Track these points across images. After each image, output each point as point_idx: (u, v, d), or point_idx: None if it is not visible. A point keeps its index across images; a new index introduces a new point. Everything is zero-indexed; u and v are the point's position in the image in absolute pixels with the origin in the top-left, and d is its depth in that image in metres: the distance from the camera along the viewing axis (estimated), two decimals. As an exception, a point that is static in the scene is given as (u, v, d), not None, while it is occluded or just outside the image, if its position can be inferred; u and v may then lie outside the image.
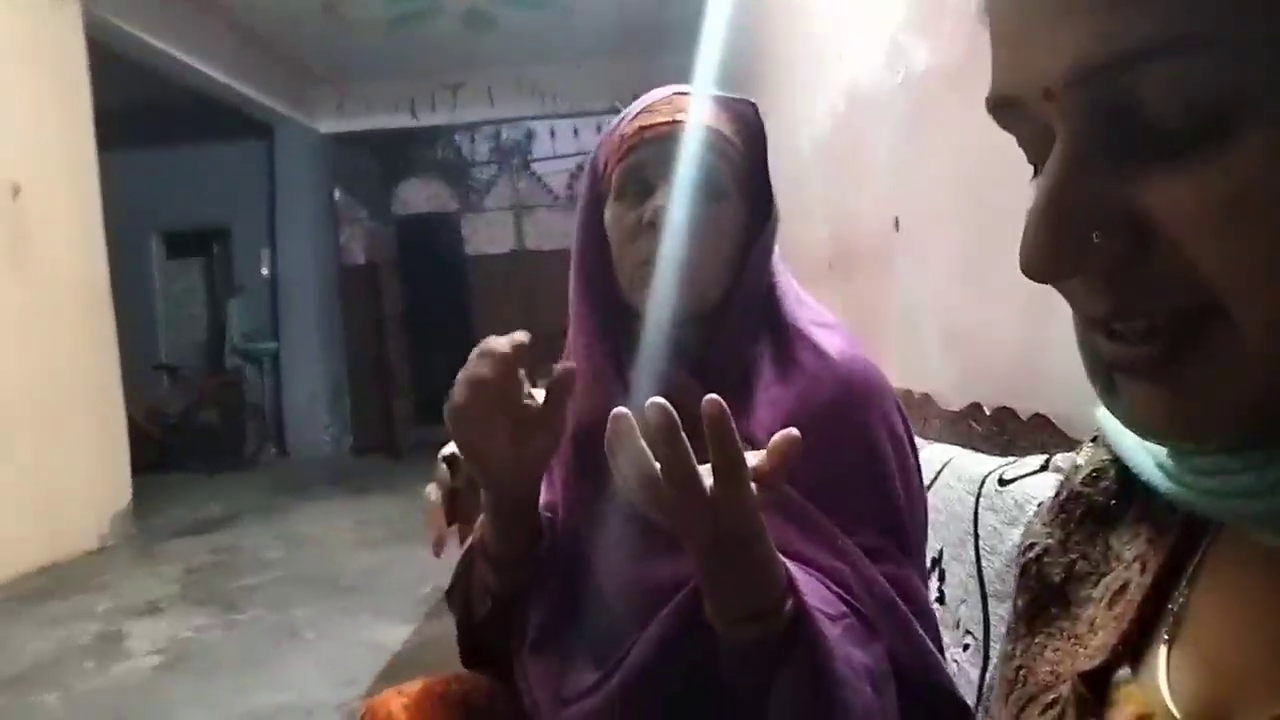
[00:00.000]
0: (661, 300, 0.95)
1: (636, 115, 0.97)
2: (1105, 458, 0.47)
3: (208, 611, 3.88)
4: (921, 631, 0.89)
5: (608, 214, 0.98)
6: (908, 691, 0.86)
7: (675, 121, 0.94)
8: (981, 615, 1.31)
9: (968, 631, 1.32)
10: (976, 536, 1.37)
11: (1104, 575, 0.44)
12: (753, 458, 0.71)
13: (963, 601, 1.35)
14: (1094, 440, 0.49)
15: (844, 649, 0.78)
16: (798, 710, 0.78)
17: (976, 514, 1.38)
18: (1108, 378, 0.36)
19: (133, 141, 7.41)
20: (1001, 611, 1.31)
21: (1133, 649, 0.40)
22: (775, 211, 0.99)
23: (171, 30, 5.99)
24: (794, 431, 0.71)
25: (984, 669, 1.25)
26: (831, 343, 0.96)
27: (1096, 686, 0.40)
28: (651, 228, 0.93)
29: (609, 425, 0.68)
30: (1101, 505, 0.46)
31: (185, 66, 6.26)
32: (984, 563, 1.36)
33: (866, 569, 0.87)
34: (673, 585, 0.86)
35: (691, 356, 0.97)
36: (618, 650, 0.91)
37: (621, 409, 0.68)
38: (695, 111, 0.95)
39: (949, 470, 1.46)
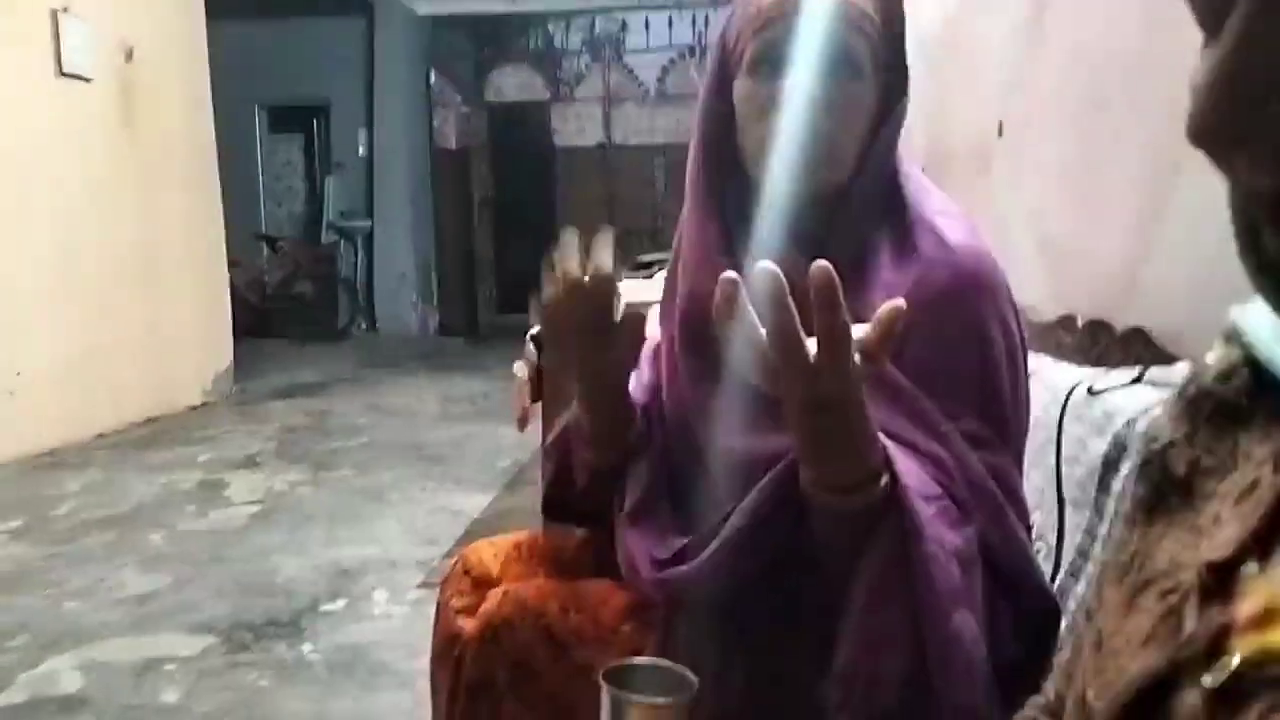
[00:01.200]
0: (787, 179, 0.94)
1: None
2: (1237, 357, 0.46)
3: (300, 469, 4.09)
4: (1015, 520, 0.90)
5: (738, 88, 0.96)
6: (997, 579, 0.87)
7: None
8: (1056, 522, 1.33)
9: (1039, 537, 1.33)
10: (1059, 445, 1.38)
11: (1230, 472, 0.44)
12: (859, 330, 0.71)
13: (1037, 508, 1.36)
14: (1226, 340, 0.48)
15: (935, 528, 0.80)
16: (884, 583, 0.80)
17: (1061, 423, 1.38)
18: (1256, 241, 0.36)
19: (239, 12, 7.48)
20: (1079, 520, 1.32)
21: (1262, 546, 0.39)
22: (908, 93, 0.97)
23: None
24: (900, 301, 0.71)
25: (1054, 575, 1.27)
26: (952, 231, 0.95)
27: (1222, 577, 0.40)
28: (786, 106, 0.91)
29: (718, 288, 0.69)
30: (1231, 403, 0.45)
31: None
32: (1064, 470, 1.37)
33: (965, 455, 0.88)
34: (774, 459, 0.88)
35: (809, 237, 0.95)
36: (715, 518, 0.94)
37: (731, 273, 0.69)
38: None
39: (1034, 379, 1.45)
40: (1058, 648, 0.90)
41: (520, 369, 2.39)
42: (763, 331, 0.69)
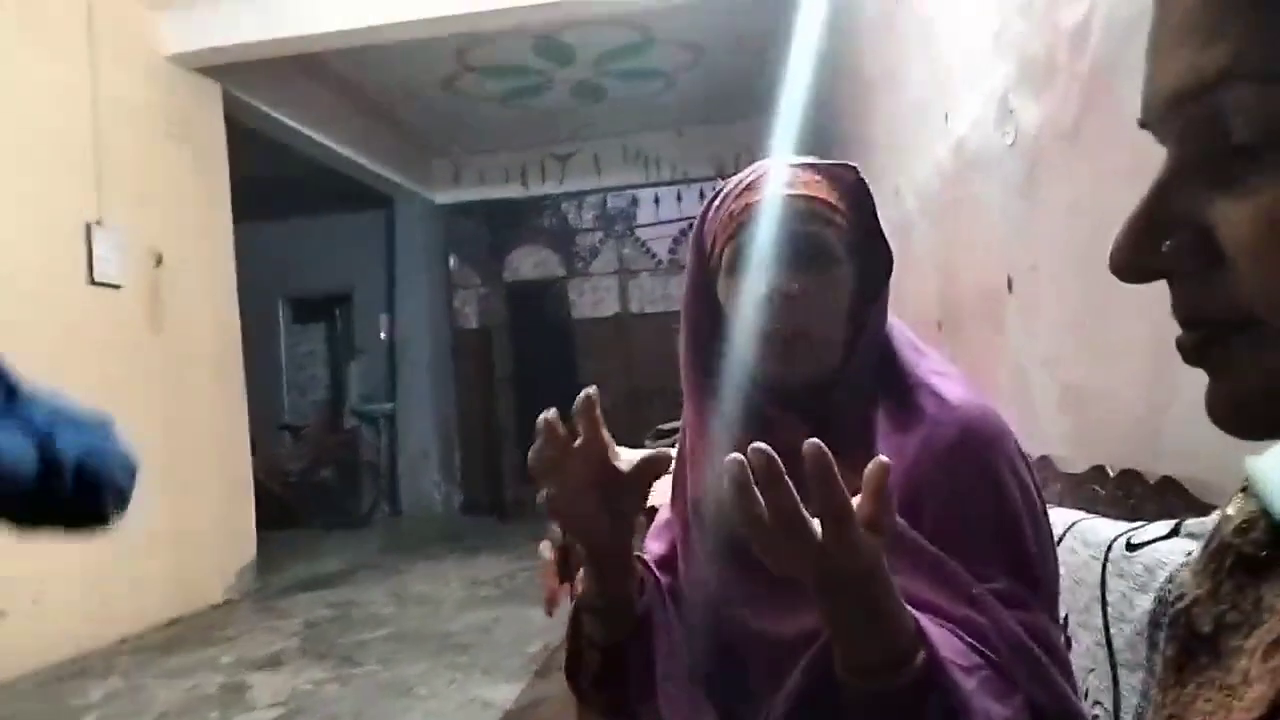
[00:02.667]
0: (777, 374, 0.96)
1: (741, 191, 0.99)
2: (1255, 508, 0.46)
3: (325, 665, 3.98)
4: (1060, 679, 0.86)
5: (721, 288, 0.99)
6: None
7: (781, 196, 0.96)
8: (1111, 684, 1.26)
9: (1097, 702, 1.27)
10: (1104, 603, 1.33)
11: (1256, 627, 0.43)
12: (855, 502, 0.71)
13: (1091, 670, 1.30)
14: (1244, 490, 0.48)
15: (982, 702, 0.77)
16: None
17: (1104, 580, 1.33)
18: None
19: (263, 213, 7.86)
20: (1134, 681, 1.25)
21: None
22: (890, 270, 0.99)
23: (301, 107, 6.37)
24: (882, 459, 0.70)
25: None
26: (952, 390, 0.95)
27: None
28: (769, 302, 0.94)
29: (724, 470, 0.69)
30: (1252, 556, 0.45)
31: (313, 142, 6.63)
32: (1112, 630, 1.31)
33: (1001, 617, 0.85)
34: (807, 638, 0.85)
35: (811, 418, 0.96)
36: (751, 711, 0.90)
37: (736, 455, 0.69)
38: (798, 184, 0.97)
39: (1073, 535, 1.41)
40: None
41: (545, 549, 2.36)
42: (764, 508, 0.68)
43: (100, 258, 4.60)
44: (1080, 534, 1.39)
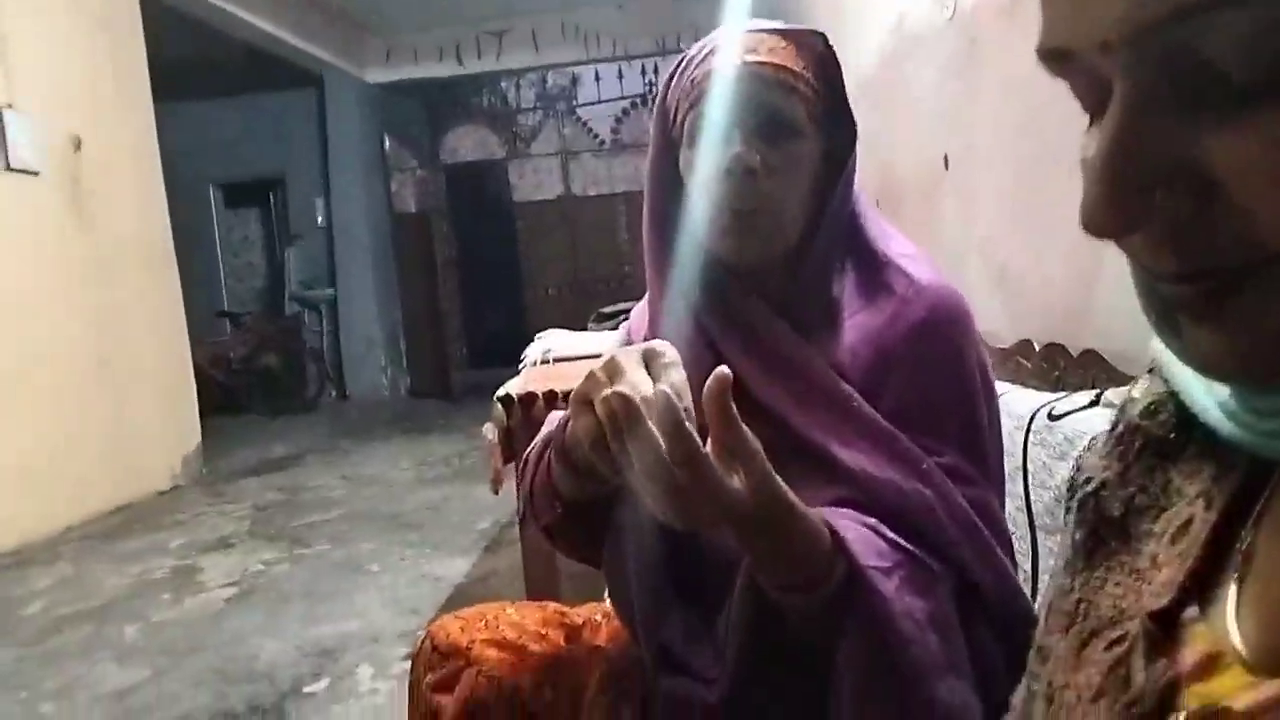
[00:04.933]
0: (739, 247, 0.95)
1: (705, 57, 0.95)
2: (1162, 390, 0.45)
3: (276, 547, 4.02)
4: (1000, 555, 0.90)
5: (682, 160, 0.97)
6: (988, 617, 0.87)
7: (745, 63, 0.92)
8: (1030, 548, 1.33)
9: (1015, 565, 1.33)
10: (1025, 471, 1.39)
11: (1164, 510, 0.43)
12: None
13: (1012, 534, 1.37)
14: (1150, 372, 0.47)
15: (903, 601, 0.79)
16: (865, 669, 0.79)
17: (1026, 449, 1.39)
18: (1168, 318, 0.35)
19: (187, 94, 7.51)
20: (1051, 544, 1.33)
21: (1200, 587, 0.39)
22: (855, 142, 0.97)
23: (222, -19, 6.03)
24: (723, 370, 0.70)
25: (1032, 600, 1.27)
26: (920, 271, 0.96)
27: (1165, 624, 0.40)
28: (729, 175, 0.92)
29: (613, 405, 0.70)
30: (1160, 438, 0.45)
31: (237, 19, 6.30)
32: (1033, 496, 1.37)
33: (949, 492, 0.88)
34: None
35: (775, 294, 0.97)
36: (713, 605, 0.93)
37: (623, 390, 0.70)
38: (764, 50, 0.93)
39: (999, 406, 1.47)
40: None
41: (490, 430, 2.38)
42: (666, 458, 0.68)
43: (14, 143, 4.38)
44: (1006, 405, 1.44)
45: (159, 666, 2.83)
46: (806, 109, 0.93)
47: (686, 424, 0.68)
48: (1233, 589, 0.38)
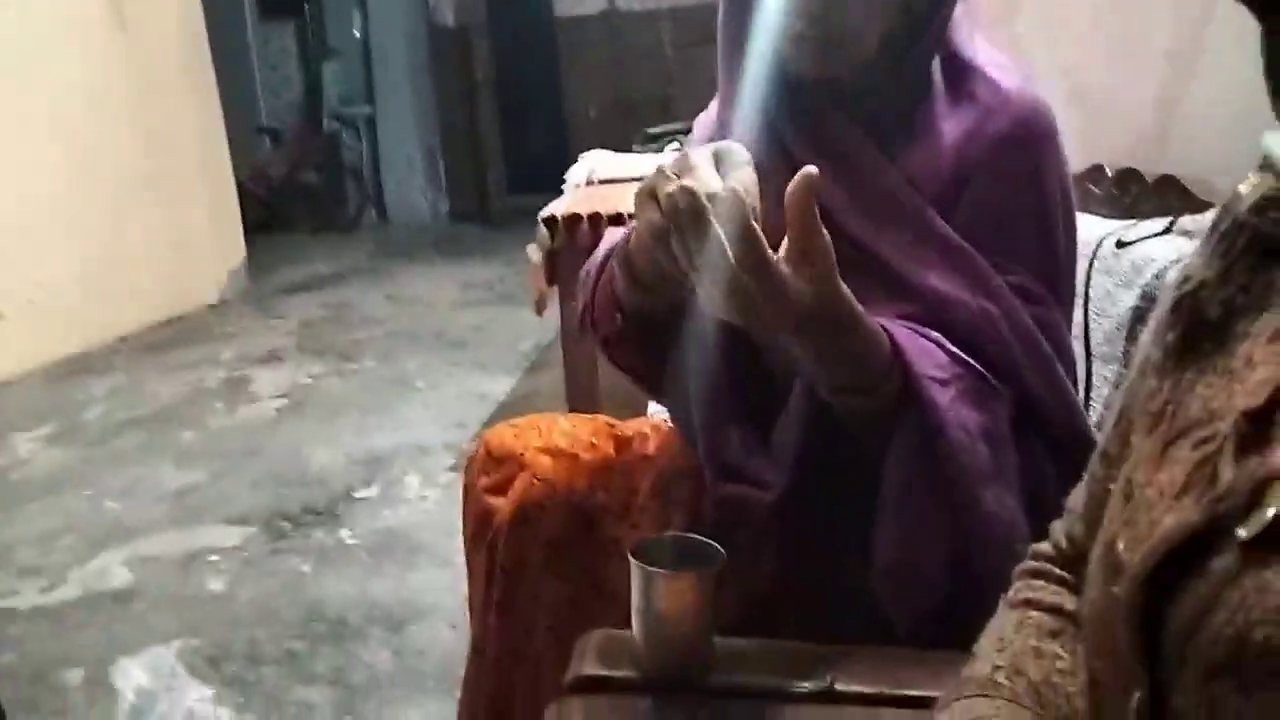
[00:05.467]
0: (817, 59, 0.90)
1: None
2: (1274, 186, 0.43)
3: (324, 361, 4.12)
4: (1062, 376, 0.89)
5: None
6: (1043, 434, 0.87)
7: None
8: (1085, 376, 1.32)
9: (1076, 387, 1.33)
10: (1087, 298, 1.35)
11: (1265, 310, 0.42)
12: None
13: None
14: (1261, 168, 0.45)
15: (956, 412, 0.79)
16: (912, 477, 0.81)
17: (1090, 276, 1.35)
18: None
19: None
20: (1107, 373, 1.31)
21: None
22: None
23: None
24: (810, 169, 0.69)
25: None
26: (1008, 79, 0.92)
27: (1257, 423, 0.39)
28: None
29: (685, 204, 0.68)
30: (1268, 236, 0.43)
31: None
32: (1091, 324, 1.34)
33: (1016, 310, 0.87)
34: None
35: (853, 104, 0.93)
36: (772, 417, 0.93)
37: (685, 185, 0.68)
38: None
39: (1064, 232, 1.42)
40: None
41: (534, 252, 2.36)
42: (731, 257, 0.68)
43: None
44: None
45: (216, 469, 2.96)
46: None
47: (754, 224, 0.67)
48: None
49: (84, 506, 2.76)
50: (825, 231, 0.70)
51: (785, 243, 0.71)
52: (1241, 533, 0.37)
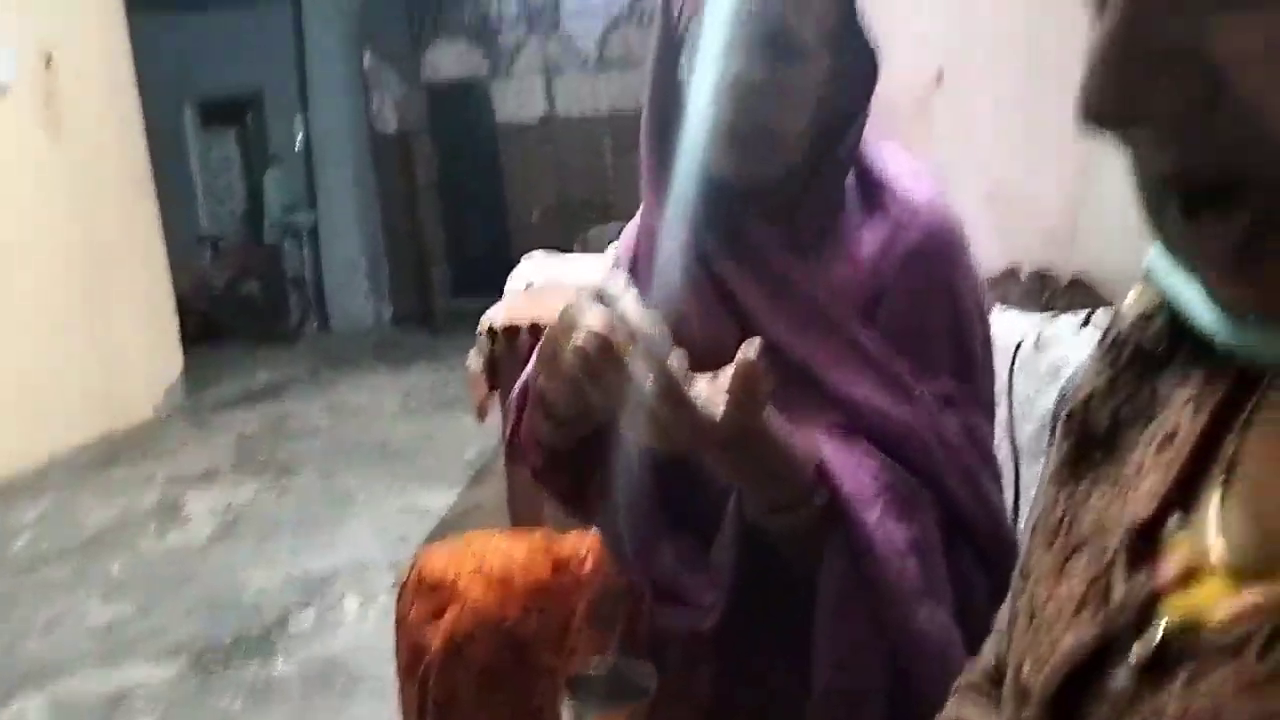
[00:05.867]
0: (741, 165, 0.92)
1: None
2: (1154, 300, 0.45)
3: (261, 478, 4.02)
4: (988, 483, 0.90)
5: (683, 66, 0.93)
6: (971, 542, 0.87)
7: None
8: (1013, 476, 1.33)
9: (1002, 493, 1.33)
10: (1011, 399, 1.38)
11: (1151, 419, 0.43)
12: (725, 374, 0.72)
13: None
14: (1144, 281, 0.46)
15: (884, 529, 0.79)
16: (844, 592, 0.80)
17: (1011, 376, 1.38)
18: (1164, 215, 0.34)
19: (160, 6, 7.27)
20: (1035, 472, 1.32)
21: (1183, 496, 0.39)
22: (877, 62, 0.92)
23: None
24: (753, 350, 0.70)
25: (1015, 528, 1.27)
26: (919, 191, 0.94)
27: (1146, 535, 0.39)
28: (729, 92, 0.88)
29: (593, 350, 0.70)
30: (1150, 349, 0.44)
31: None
32: (1016, 426, 1.37)
33: (939, 420, 0.87)
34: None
35: (775, 213, 0.94)
36: (707, 529, 0.93)
37: (593, 331, 0.70)
38: None
39: (985, 332, 1.45)
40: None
41: (474, 360, 2.36)
42: (648, 382, 0.69)
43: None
44: (992, 332, 1.43)
45: (146, 599, 2.84)
46: (816, 25, 0.88)
47: (668, 361, 0.67)
48: (1216, 496, 0.38)
49: (5, 642, 2.63)
50: (766, 379, 0.71)
51: (718, 374, 0.72)
52: (1133, 656, 0.37)
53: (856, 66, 0.92)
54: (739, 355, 0.70)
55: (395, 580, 2.74)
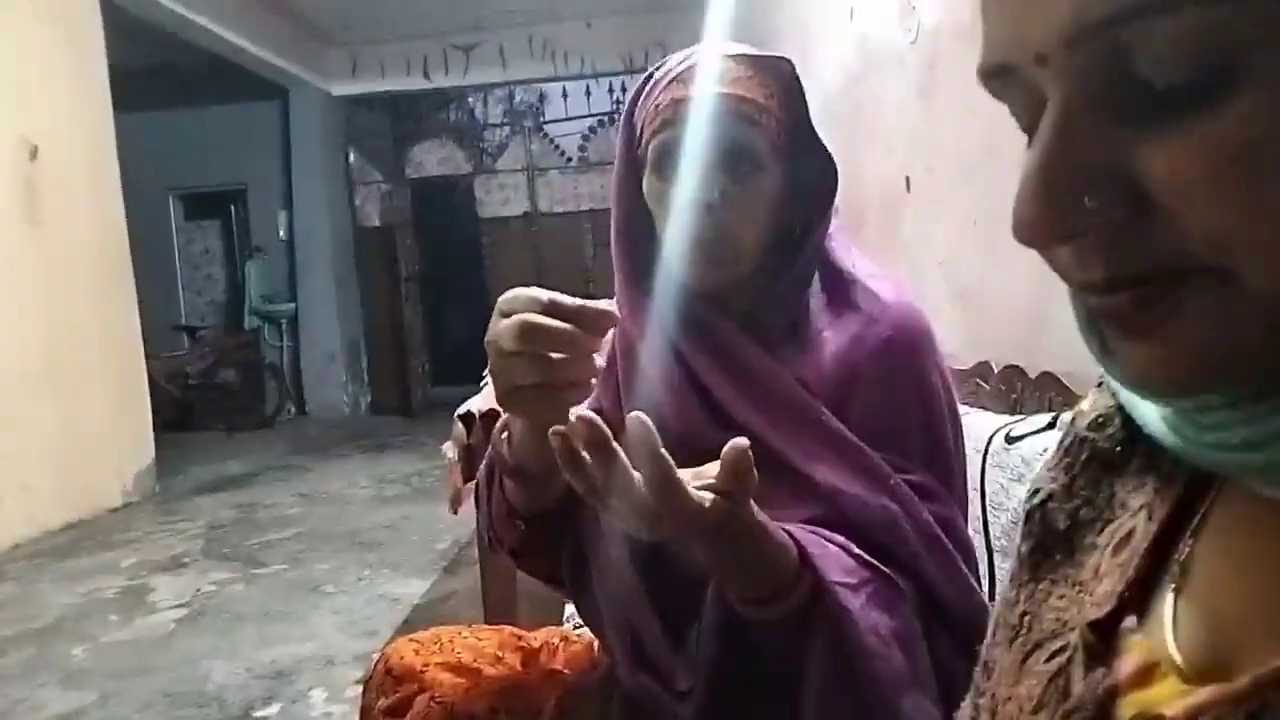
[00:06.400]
0: (703, 273, 0.95)
1: (670, 83, 0.94)
2: (1110, 404, 0.46)
3: (230, 566, 3.94)
4: (966, 571, 0.90)
5: (646, 185, 0.97)
6: (950, 631, 0.87)
7: (708, 94, 0.92)
8: (988, 571, 1.33)
9: (979, 581, 1.34)
10: (983, 494, 1.39)
11: (1109, 522, 0.44)
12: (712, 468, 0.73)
13: (969, 555, 1.36)
14: (1099, 385, 0.48)
15: (869, 618, 0.79)
16: (830, 684, 0.79)
17: (983, 471, 1.39)
18: (1100, 335, 0.36)
19: (149, 103, 7.43)
20: (1007, 566, 1.33)
21: (1139, 598, 0.40)
22: (834, 171, 0.96)
23: (185, -9, 5.98)
24: (742, 442, 0.70)
25: (988, 622, 1.27)
26: (885, 289, 0.96)
27: (1104, 634, 0.40)
28: (689, 209, 0.92)
29: (585, 434, 0.69)
30: (1106, 451, 0.45)
31: (199, 28, 6.25)
32: (990, 518, 1.38)
33: (916, 508, 0.88)
34: None
35: (741, 314, 0.97)
36: (687, 605, 0.92)
37: (589, 415, 0.70)
38: (727, 80, 0.92)
39: (957, 427, 1.47)
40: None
41: (450, 449, 2.35)
42: (637, 479, 0.69)
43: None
44: (964, 426, 1.45)
45: (105, 690, 2.75)
46: (769, 141, 0.93)
47: (661, 450, 0.68)
48: (1169, 599, 0.38)
49: (-48, 738, 2.53)
50: (754, 471, 0.71)
51: (709, 470, 0.72)
52: None
53: (814, 176, 0.96)
54: (729, 444, 0.70)
55: (363, 673, 2.68)
